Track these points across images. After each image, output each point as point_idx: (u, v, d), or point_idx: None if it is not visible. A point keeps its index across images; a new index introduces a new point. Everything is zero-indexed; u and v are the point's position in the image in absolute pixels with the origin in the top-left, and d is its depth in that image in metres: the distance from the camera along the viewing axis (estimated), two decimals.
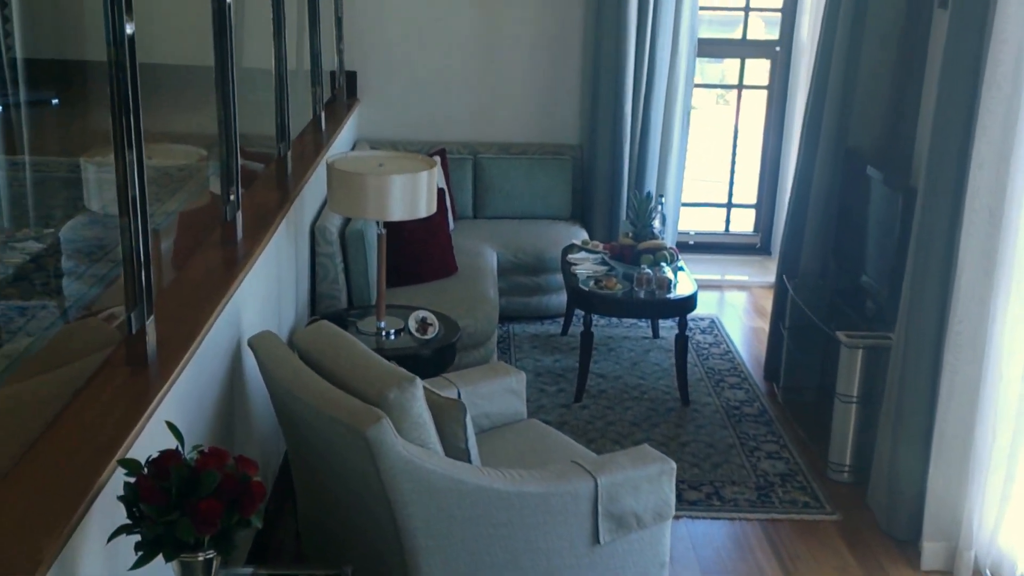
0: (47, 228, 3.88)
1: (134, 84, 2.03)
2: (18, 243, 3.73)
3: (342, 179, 3.44)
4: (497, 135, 5.52)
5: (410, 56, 5.41)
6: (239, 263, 2.84)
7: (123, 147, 2.05)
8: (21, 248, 3.68)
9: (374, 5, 5.31)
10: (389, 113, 5.48)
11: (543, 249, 4.93)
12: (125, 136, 2.05)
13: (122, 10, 1.97)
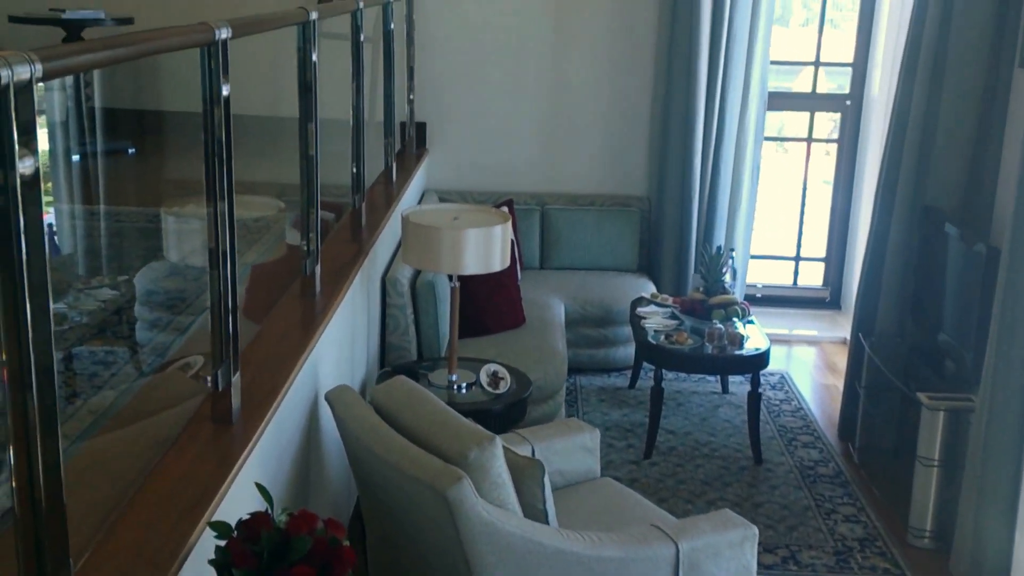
0: (121, 276, 3.95)
1: (228, 141, 2.06)
2: (93, 290, 3.80)
3: (417, 232, 3.46)
4: (565, 186, 5.53)
5: (479, 107, 5.46)
6: (317, 317, 2.85)
7: (215, 199, 2.07)
8: (96, 295, 3.76)
9: (443, 57, 5.38)
10: (457, 163, 5.52)
11: (611, 301, 4.90)
12: (217, 189, 2.07)
13: (219, 72, 2.01)
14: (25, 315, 1.26)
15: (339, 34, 3.76)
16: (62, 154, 4.44)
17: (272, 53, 4.24)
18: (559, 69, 5.42)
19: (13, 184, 1.21)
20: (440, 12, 5.30)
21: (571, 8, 5.32)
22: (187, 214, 3.38)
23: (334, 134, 3.89)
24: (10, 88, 1.16)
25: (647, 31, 5.34)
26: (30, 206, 1.24)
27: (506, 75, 5.43)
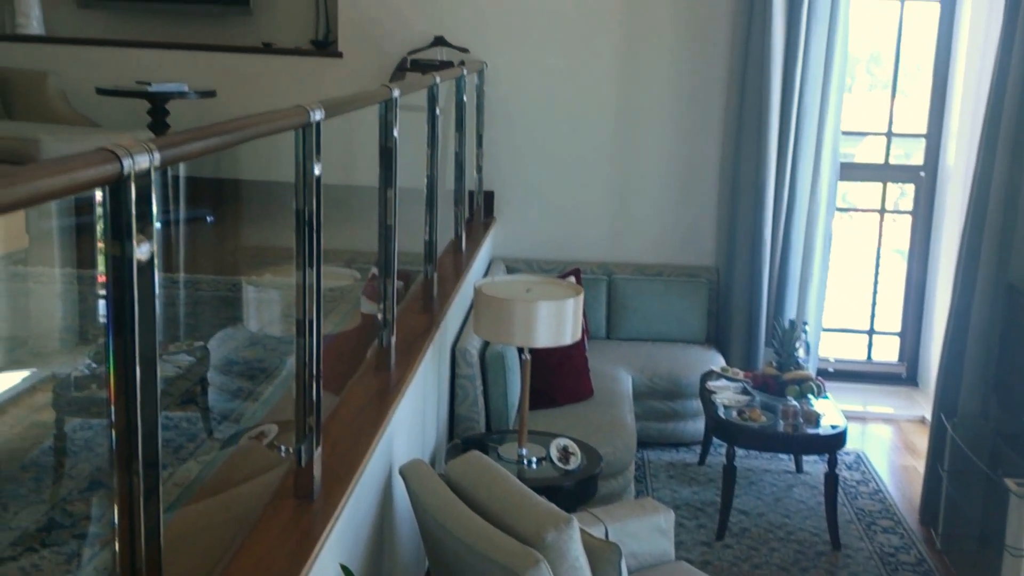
0: (198, 342, 4.00)
1: (318, 216, 2.09)
2: (171, 356, 3.85)
3: (490, 304, 3.46)
4: (632, 255, 5.51)
5: (546, 176, 5.50)
6: (392, 389, 2.85)
7: (304, 272, 2.10)
8: (174, 361, 3.81)
9: (511, 127, 5.43)
10: (524, 232, 5.55)
11: (679, 374, 4.83)
12: (306, 262, 2.09)
13: (312, 152, 2.04)
14: (135, 389, 1.28)
15: (412, 105, 3.82)
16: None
17: (342, 120, 4.33)
18: (626, 138, 5.44)
19: (130, 270, 1.23)
20: (509, 83, 5.37)
21: (638, 78, 5.36)
22: (266, 284, 3.42)
23: (404, 202, 3.93)
24: (131, 177, 1.19)
25: (715, 100, 5.35)
26: (145, 289, 1.26)
27: (573, 144, 5.46)
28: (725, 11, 5.25)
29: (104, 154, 1.15)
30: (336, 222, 2.28)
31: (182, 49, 5.47)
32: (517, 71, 5.37)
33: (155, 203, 1.26)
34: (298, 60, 5.49)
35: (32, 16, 5.57)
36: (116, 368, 1.28)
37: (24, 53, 5.42)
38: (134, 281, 1.25)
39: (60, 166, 1.06)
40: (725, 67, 5.31)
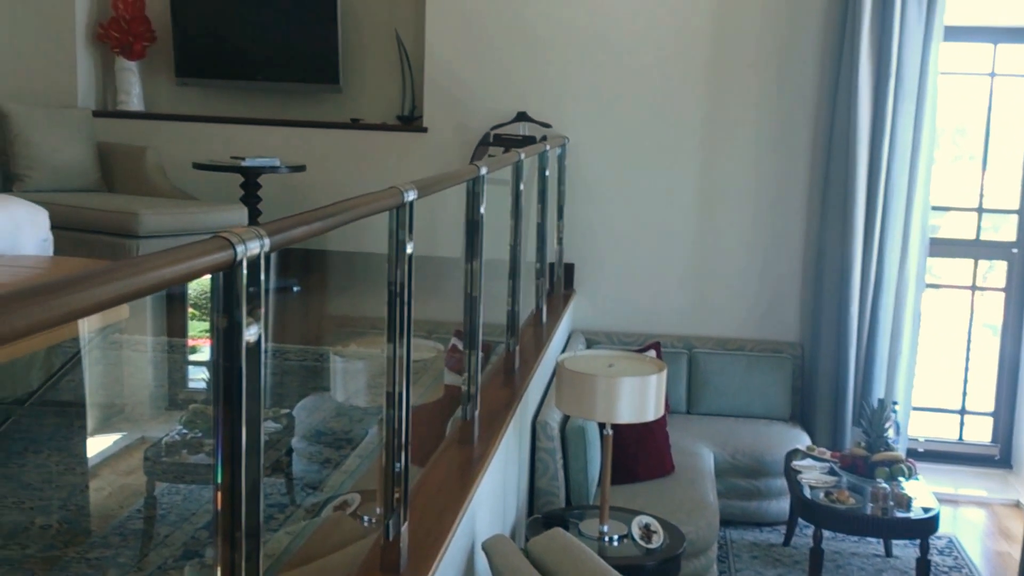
0: (284, 410, 4.07)
1: (409, 292, 2.13)
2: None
3: (572, 379, 3.46)
4: (713, 329, 5.46)
5: (626, 248, 5.51)
6: (476, 463, 2.86)
7: (395, 345, 2.13)
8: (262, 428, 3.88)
9: (591, 199, 5.47)
10: (604, 305, 5.55)
11: (762, 451, 4.74)
12: (397, 336, 2.13)
13: (405, 231, 2.09)
14: (241, 462, 1.32)
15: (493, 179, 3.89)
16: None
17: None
18: (707, 210, 5.44)
19: (240, 349, 1.27)
20: (590, 157, 5.43)
21: (720, 151, 5.38)
22: (351, 355, 3.48)
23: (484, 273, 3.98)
24: (243, 264, 1.24)
25: (799, 172, 5.32)
26: (252, 367, 1.30)
27: (654, 216, 5.47)
28: (810, 83, 5.25)
29: (219, 241, 1.20)
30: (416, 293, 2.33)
31: (274, 125, 5.67)
32: (598, 145, 5.43)
33: (263, 286, 1.30)
34: (385, 135, 5.65)
35: (133, 93, 5.84)
36: (223, 441, 1.32)
37: (125, 129, 5.68)
38: (243, 361, 1.29)
39: (180, 255, 1.11)
40: (809, 139, 5.29)
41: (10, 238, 3.14)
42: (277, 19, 5.74)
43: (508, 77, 5.44)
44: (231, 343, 1.28)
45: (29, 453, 2.86)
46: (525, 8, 5.39)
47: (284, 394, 4.01)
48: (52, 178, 5.06)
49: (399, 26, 5.71)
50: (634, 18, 5.33)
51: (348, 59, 5.74)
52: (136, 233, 4.48)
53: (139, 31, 5.74)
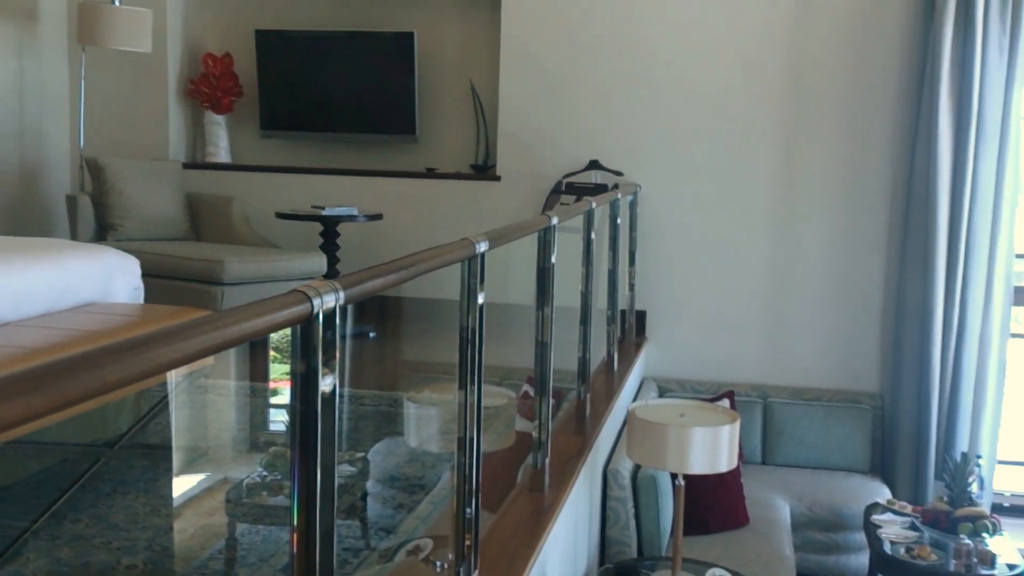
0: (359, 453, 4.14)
1: (480, 341, 2.18)
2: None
3: (643, 428, 3.46)
4: (789, 378, 5.39)
5: (699, 296, 5.49)
6: (546, 512, 2.88)
7: (466, 393, 2.18)
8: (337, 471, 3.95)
9: (663, 246, 5.48)
10: (677, 352, 5.52)
11: (840, 504, 4.64)
12: (468, 384, 2.18)
13: (477, 282, 2.15)
14: (315, 506, 1.38)
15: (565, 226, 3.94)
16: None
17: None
18: (782, 257, 5.40)
19: (316, 400, 1.33)
20: (662, 204, 5.45)
21: (795, 197, 5.35)
22: (425, 401, 3.54)
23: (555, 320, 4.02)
24: (319, 316, 1.30)
25: (878, 219, 5.25)
26: (327, 416, 1.36)
27: (727, 263, 5.45)
28: (888, 127, 5.20)
29: (297, 295, 1.27)
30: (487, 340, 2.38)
31: (353, 175, 5.84)
32: (670, 192, 5.45)
33: (338, 338, 1.36)
34: (459, 183, 5.76)
35: (221, 146, 6.08)
36: (299, 486, 1.38)
37: (212, 180, 5.91)
38: (318, 410, 1.35)
39: (260, 309, 1.18)
40: (888, 184, 5.23)
41: (104, 286, 3.29)
42: (357, 73, 5.93)
43: (580, 126, 5.52)
44: (307, 393, 1.34)
45: (117, 494, 2.98)
46: (597, 58, 5.47)
47: (359, 438, 4.08)
48: (144, 227, 5.28)
49: (474, 77, 5.85)
50: (706, 65, 5.37)
51: (424, 110, 5.89)
52: (221, 280, 4.65)
53: (227, 87, 5.99)
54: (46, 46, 5.82)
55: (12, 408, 0.80)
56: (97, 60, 5.72)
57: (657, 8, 5.39)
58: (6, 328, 2.74)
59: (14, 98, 5.62)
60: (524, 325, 3.19)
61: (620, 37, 5.44)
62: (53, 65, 5.88)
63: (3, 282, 2.83)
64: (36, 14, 5.73)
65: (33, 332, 2.73)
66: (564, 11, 5.48)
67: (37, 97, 5.78)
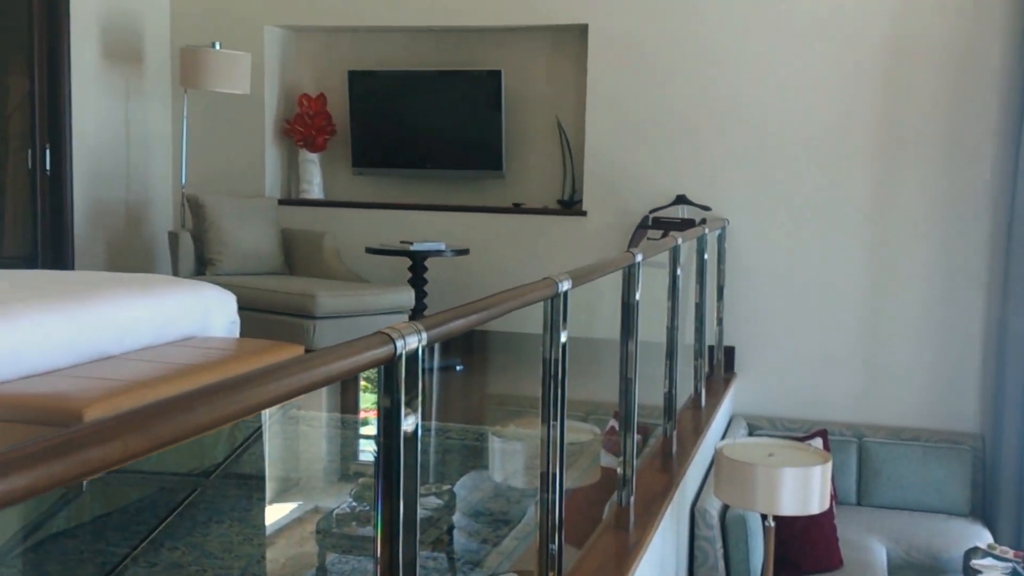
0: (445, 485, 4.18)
1: (563, 379, 2.20)
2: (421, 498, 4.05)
3: (731, 467, 3.41)
4: (884, 418, 5.24)
5: (790, 332, 5.40)
6: (631, 551, 2.86)
7: (548, 428, 2.20)
8: (423, 503, 3.99)
9: (752, 280, 5.41)
10: (767, 389, 5.43)
11: (939, 548, 4.48)
12: (550, 420, 2.20)
13: (560, 320, 2.17)
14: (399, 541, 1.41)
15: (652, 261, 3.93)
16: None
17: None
18: (877, 292, 5.27)
19: (398, 439, 1.37)
20: (751, 238, 5.39)
21: (890, 229, 5.22)
22: (510, 435, 3.56)
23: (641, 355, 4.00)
24: (402, 358, 1.34)
25: (978, 249, 5.10)
26: (409, 454, 1.40)
27: (819, 298, 5.35)
28: (988, 153, 5.06)
29: (381, 337, 1.31)
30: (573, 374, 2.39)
31: (441, 211, 5.93)
32: (759, 226, 5.39)
33: (421, 379, 1.40)
34: (545, 219, 5.80)
35: (314, 183, 6.26)
36: (382, 521, 1.41)
37: (306, 215, 6.08)
38: (401, 449, 1.38)
39: (345, 351, 1.22)
40: (989, 212, 5.07)
41: (202, 320, 3.42)
42: (445, 111, 6.04)
43: (667, 160, 5.51)
44: (390, 431, 1.38)
45: (212, 523, 3.07)
46: (684, 93, 5.47)
47: (446, 472, 4.12)
48: (240, 262, 5.45)
49: (560, 112, 5.90)
50: (796, 98, 5.31)
51: (511, 146, 5.96)
52: (313, 314, 4.77)
53: (321, 125, 6.17)
54: (151, 89, 6.09)
55: (110, 450, 0.85)
56: (198, 102, 5.96)
57: (745, 43, 5.37)
58: (111, 361, 2.87)
59: (121, 139, 5.90)
60: (611, 359, 3.19)
61: (707, 71, 5.43)
62: (157, 107, 6.15)
63: (109, 317, 2.97)
64: (142, 58, 6.01)
65: (136, 365, 2.85)
66: (651, 47, 5.50)
67: (142, 138, 6.05)
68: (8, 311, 2.67)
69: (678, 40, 5.47)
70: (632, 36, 5.53)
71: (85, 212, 5.60)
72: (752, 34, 5.37)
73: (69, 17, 5.41)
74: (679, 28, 5.46)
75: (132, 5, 5.90)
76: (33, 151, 5.43)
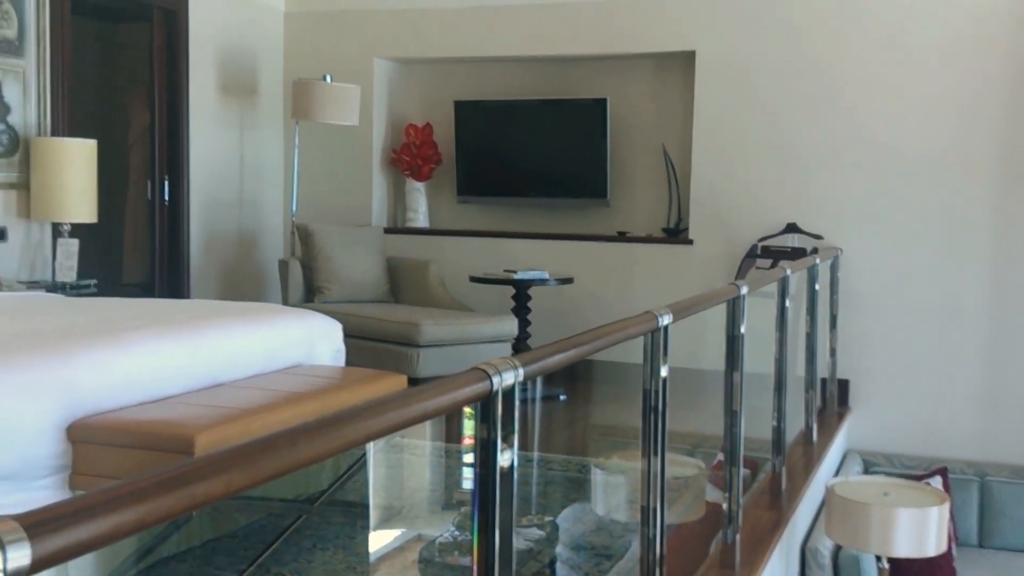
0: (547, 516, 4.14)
1: (664, 412, 2.15)
2: (523, 528, 4.02)
3: (843, 506, 3.29)
4: (1009, 456, 4.98)
5: (907, 364, 5.19)
6: None
7: (648, 462, 2.15)
8: (525, 535, 3.96)
9: (866, 311, 5.23)
10: (883, 425, 5.22)
11: None
12: (651, 454, 2.15)
13: (660, 354, 2.13)
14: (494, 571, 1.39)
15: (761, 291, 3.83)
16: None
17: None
18: (1002, 321, 5.02)
19: (494, 474, 1.35)
20: (865, 268, 5.22)
21: (1015, 255, 4.98)
22: (613, 468, 3.51)
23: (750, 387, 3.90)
24: (498, 394, 1.33)
25: None
26: (505, 488, 1.38)
27: (938, 330, 5.13)
28: None
29: (477, 373, 1.30)
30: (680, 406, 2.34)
31: (544, 239, 5.93)
32: (874, 255, 5.22)
33: (516, 414, 1.38)
34: (650, 247, 5.74)
35: (420, 211, 6.35)
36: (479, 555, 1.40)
37: (411, 244, 6.16)
38: (497, 484, 1.37)
39: (442, 388, 1.22)
40: None
41: (309, 349, 3.48)
42: (550, 139, 6.06)
43: (776, 188, 5.39)
44: (486, 466, 1.36)
45: (317, 550, 3.11)
46: (794, 118, 5.35)
47: (548, 504, 4.08)
48: (347, 290, 5.56)
49: (665, 139, 5.84)
50: (916, 123, 5.14)
51: (616, 174, 5.93)
52: (417, 342, 4.82)
53: (427, 155, 6.26)
54: (264, 121, 6.30)
55: (215, 485, 0.87)
56: (309, 132, 6.12)
57: (858, 68, 5.23)
58: (221, 388, 2.95)
59: (235, 170, 6.10)
60: (718, 390, 3.12)
61: (818, 96, 5.31)
62: (270, 138, 6.35)
63: (221, 346, 3.05)
64: (256, 91, 6.21)
65: (245, 393, 2.92)
66: (759, 73, 5.41)
67: (255, 168, 6.25)
68: (126, 340, 2.77)
69: (787, 66, 5.36)
70: (740, 62, 5.45)
71: (200, 240, 5.81)
72: (865, 58, 5.22)
73: (188, 53, 5.65)
74: (788, 54, 5.35)
75: (248, 41, 6.12)
76: (152, 182, 5.67)
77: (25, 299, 3.80)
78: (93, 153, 4.70)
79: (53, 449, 2.48)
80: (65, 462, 2.51)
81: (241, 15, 6.05)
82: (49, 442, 2.47)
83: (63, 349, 2.61)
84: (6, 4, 4.57)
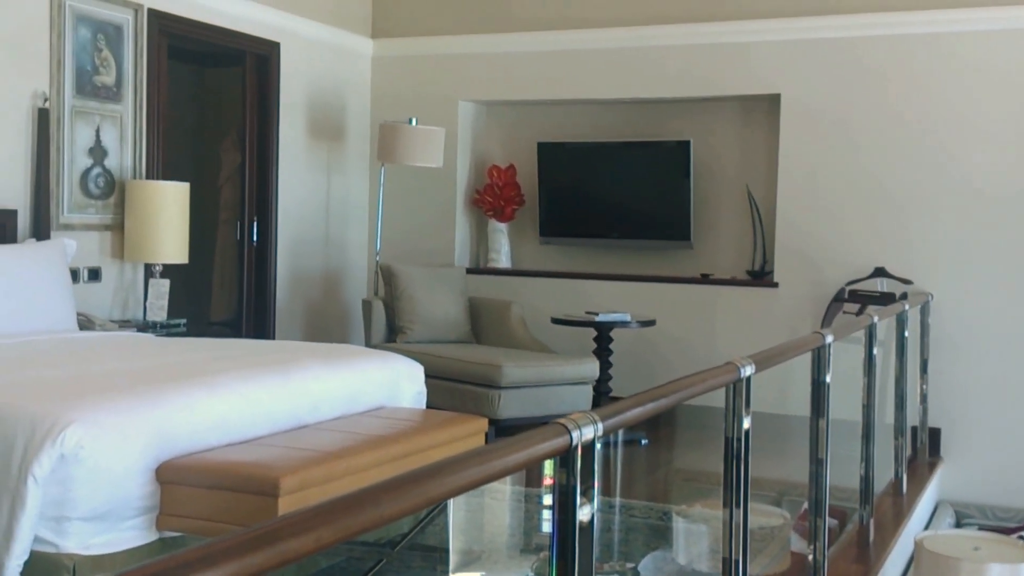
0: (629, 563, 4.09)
1: (746, 463, 2.12)
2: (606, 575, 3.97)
3: (933, 561, 3.18)
4: None
5: (1003, 412, 5.00)
6: None
7: (731, 512, 2.12)
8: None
9: (959, 359, 5.07)
10: (977, 475, 5.03)
11: None
12: (733, 504, 2.12)
13: (742, 406, 2.10)
14: None
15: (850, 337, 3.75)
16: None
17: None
18: None
19: (574, 528, 1.35)
20: (958, 312, 5.07)
21: None
22: (695, 516, 3.46)
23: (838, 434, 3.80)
24: (578, 448, 1.33)
25: None
26: (584, 542, 1.37)
27: None
28: None
29: (557, 428, 1.30)
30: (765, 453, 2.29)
31: (626, 280, 5.91)
32: (967, 301, 5.07)
33: (596, 470, 1.38)
34: (734, 290, 5.67)
35: (502, 252, 6.39)
36: None
37: (493, 284, 6.20)
38: (576, 539, 1.36)
39: (522, 443, 1.22)
40: None
41: (391, 391, 3.53)
42: (633, 181, 6.06)
43: (864, 232, 5.29)
44: (566, 520, 1.36)
45: None
46: (882, 160, 5.26)
47: (630, 551, 4.04)
48: (429, 330, 5.62)
49: (750, 182, 5.79)
50: (1005, 164, 5.00)
51: (699, 216, 5.89)
52: (498, 384, 4.83)
53: (510, 196, 6.32)
54: (350, 162, 6.44)
55: (304, 542, 0.91)
56: (394, 174, 6.24)
57: (946, 108, 5.12)
58: (304, 430, 3.01)
59: (321, 211, 6.25)
60: (804, 436, 3.05)
61: (905, 138, 5.21)
62: (356, 180, 6.49)
63: (306, 388, 3.12)
64: (343, 134, 6.37)
65: (328, 435, 2.97)
66: (846, 115, 5.34)
67: (340, 209, 6.38)
68: (217, 382, 2.85)
69: (874, 108, 5.28)
70: (826, 105, 5.38)
71: (286, 280, 5.94)
72: (953, 100, 5.11)
73: (279, 97, 5.83)
74: (874, 96, 5.27)
75: (337, 85, 6.29)
76: (242, 223, 5.83)
77: (117, 339, 3.93)
78: (186, 195, 4.85)
79: (142, 490, 2.55)
80: (153, 503, 2.57)
81: (330, 60, 6.22)
82: (139, 483, 2.53)
83: (155, 391, 2.69)
84: (105, 51, 4.77)
